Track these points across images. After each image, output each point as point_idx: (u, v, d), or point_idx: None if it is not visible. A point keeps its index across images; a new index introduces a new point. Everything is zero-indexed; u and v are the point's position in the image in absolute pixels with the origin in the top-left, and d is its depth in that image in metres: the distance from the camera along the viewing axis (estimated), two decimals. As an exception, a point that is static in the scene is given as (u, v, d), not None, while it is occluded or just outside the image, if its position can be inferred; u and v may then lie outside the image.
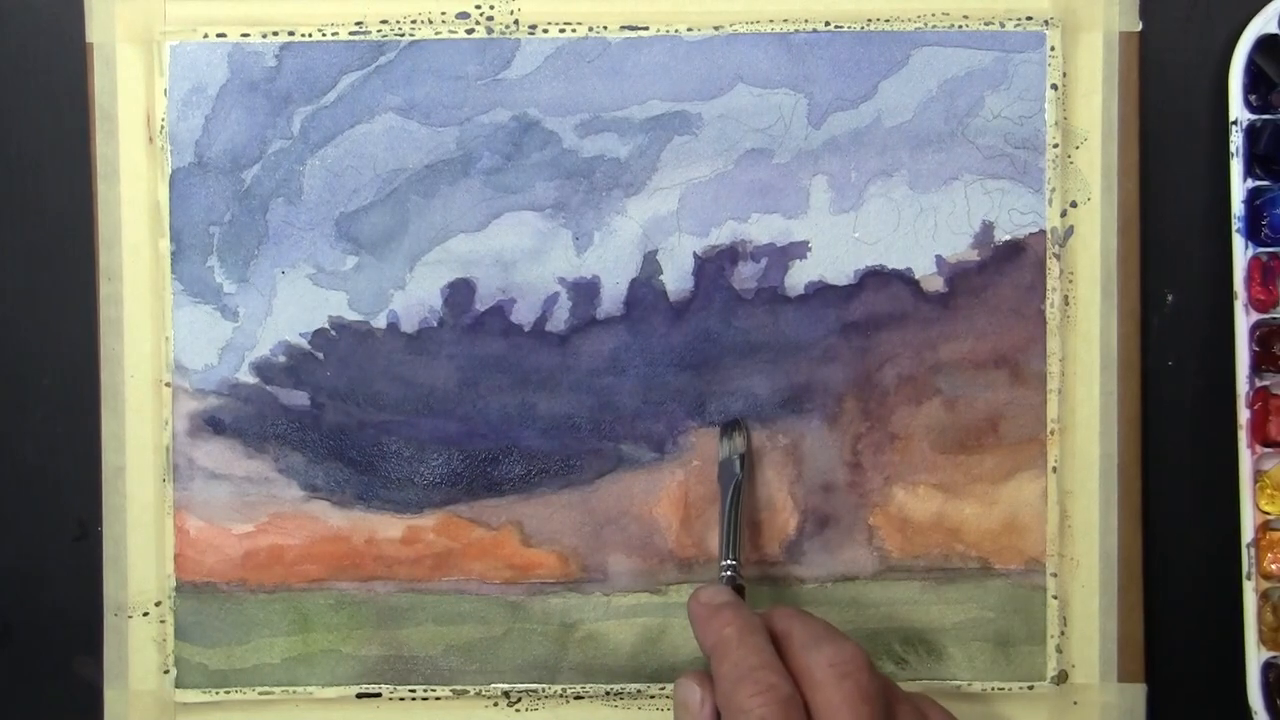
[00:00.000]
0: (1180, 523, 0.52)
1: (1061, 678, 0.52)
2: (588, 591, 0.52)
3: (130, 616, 0.52)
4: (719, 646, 0.44)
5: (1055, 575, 0.51)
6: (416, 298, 0.52)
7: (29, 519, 0.52)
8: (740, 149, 0.51)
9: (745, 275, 0.51)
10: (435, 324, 0.52)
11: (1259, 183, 0.51)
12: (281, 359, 0.52)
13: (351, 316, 0.52)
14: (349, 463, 0.52)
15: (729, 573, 0.48)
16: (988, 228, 0.51)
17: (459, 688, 0.52)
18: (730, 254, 0.51)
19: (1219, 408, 0.52)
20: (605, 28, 0.51)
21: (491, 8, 0.51)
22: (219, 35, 0.51)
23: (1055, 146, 0.51)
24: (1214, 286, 0.52)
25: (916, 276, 0.51)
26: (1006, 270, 0.51)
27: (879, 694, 0.43)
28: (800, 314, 0.51)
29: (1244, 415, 0.51)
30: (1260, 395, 0.51)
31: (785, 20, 0.51)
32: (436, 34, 0.51)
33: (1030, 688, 0.52)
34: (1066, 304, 0.52)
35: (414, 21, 0.51)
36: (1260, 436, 0.51)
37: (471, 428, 0.52)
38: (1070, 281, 0.52)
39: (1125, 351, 0.52)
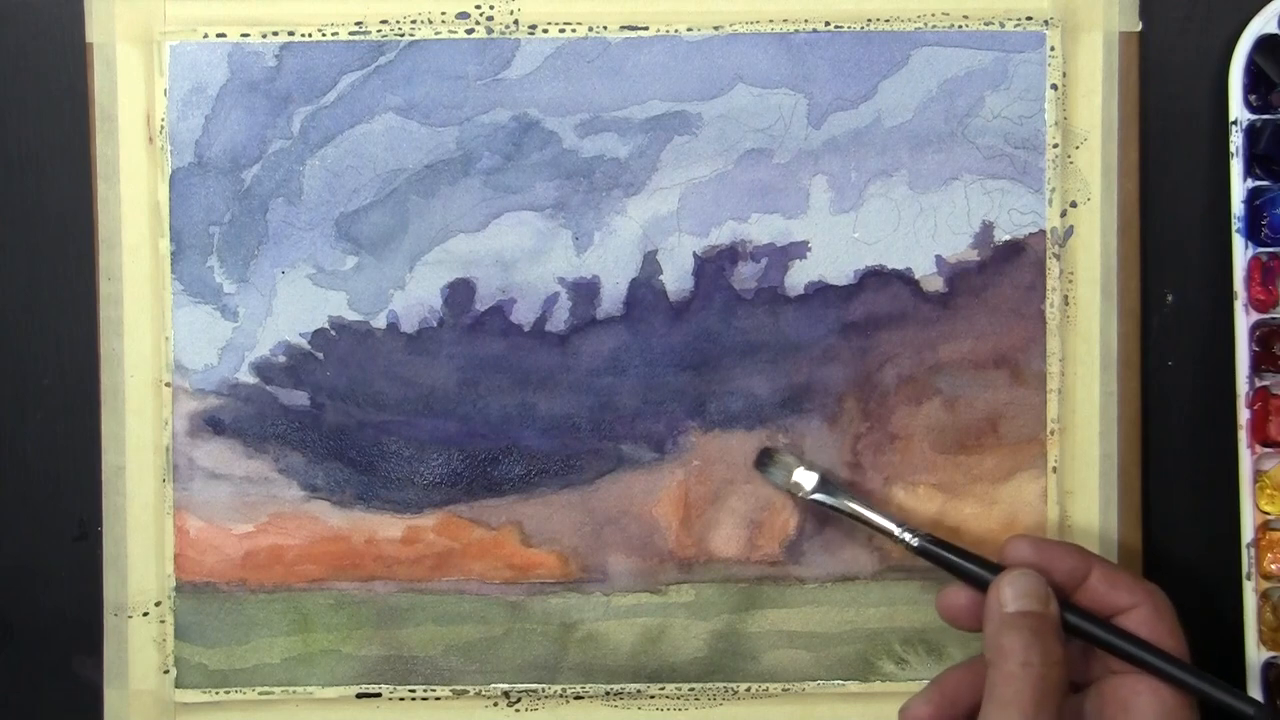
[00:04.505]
0: (1180, 523, 0.52)
1: (1061, 678, 0.52)
2: (588, 591, 0.52)
3: (130, 616, 0.52)
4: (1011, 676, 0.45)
5: (1055, 575, 0.51)
6: (416, 298, 0.52)
7: (29, 519, 0.53)
8: (740, 149, 0.51)
9: (745, 275, 0.51)
10: (435, 324, 0.52)
11: (1259, 183, 0.51)
12: (281, 359, 0.52)
13: (351, 316, 0.52)
14: (349, 463, 0.52)
15: (907, 534, 0.48)
16: (988, 228, 0.51)
17: (459, 688, 0.52)
18: (730, 254, 0.51)
19: (1219, 408, 0.52)
20: (605, 28, 0.51)
21: (491, 8, 0.51)
22: (219, 35, 0.51)
23: (1055, 146, 0.51)
24: (1214, 286, 0.52)
25: (916, 276, 0.51)
26: (1006, 270, 0.51)
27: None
28: (800, 314, 0.51)
29: (1244, 415, 0.51)
30: (1260, 395, 0.51)
31: (785, 20, 0.51)
32: (436, 34, 0.51)
33: (1030, 688, 0.52)
34: (1066, 304, 0.52)
35: (414, 21, 0.51)
36: (1260, 436, 0.51)
37: (471, 428, 0.52)
38: (1070, 281, 0.52)
39: (1125, 351, 0.52)
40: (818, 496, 0.50)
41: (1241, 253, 0.51)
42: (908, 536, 0.48)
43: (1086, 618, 0.46)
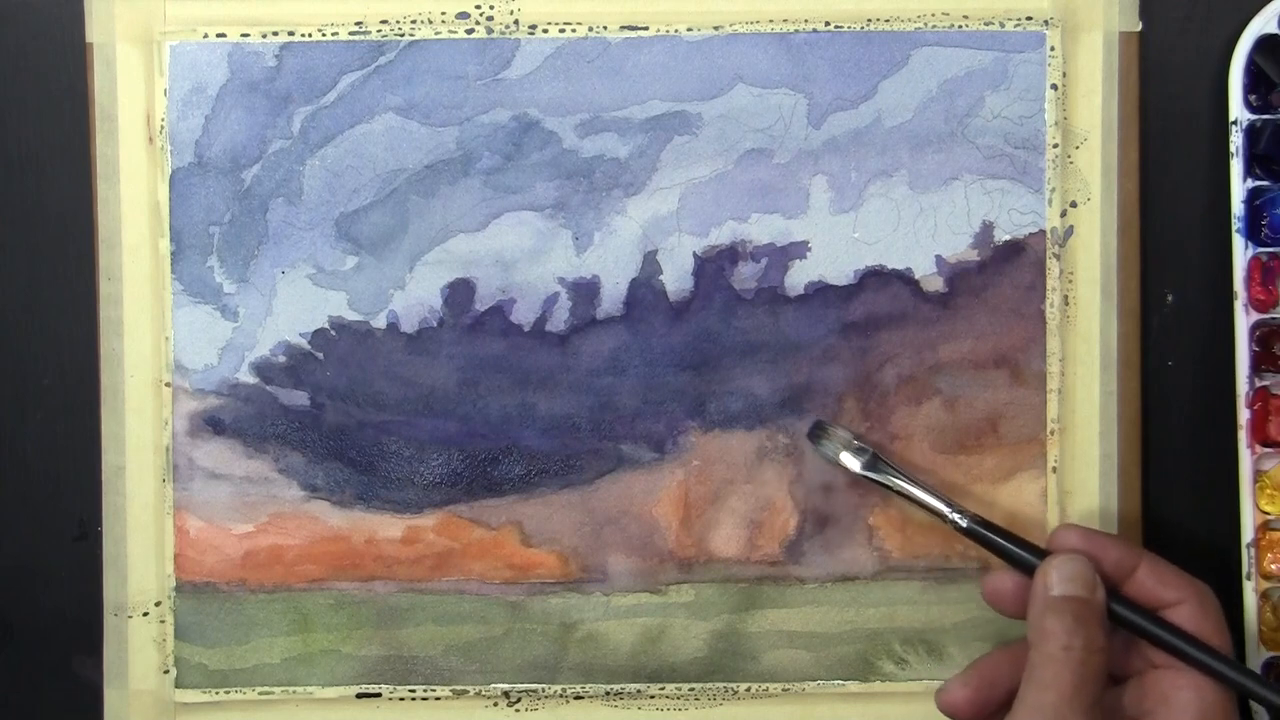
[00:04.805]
0: (1180, 523, 0.52)
1: (1061, 678, 0.52)
2: (588, 591, 0.52)
3: (130, 616, 0.52)
4: (1053, 660, 0.45)
5: (1055, 575, 0.51)
6: (416, 298, 0.52)
7: (29, 519, 0.52)
8: (740, 149, 0.51)
9: (745, 275, 0.51)
10: (435, 324, 0.52)
11: (1259, 183, 0.51)
12: (281, 359, 0.52)
13: (351, 316, 0.52)
14: (349, 463, 0.52)
15: (956, 514, 0.49)
16: (988, 228, 0.51)
17: (459, 688, 0.52)
18: (730, 254, 0.51)
19: (1219, 408, 0.52)
20: (605, 28, 0.51)
21: (491, 8, 0.51)
22: (219, 35, 0.51)
23: (1055, 146, 0.51)
24: (1214, 286, 0.52)
25: (916, 276, 0.51)
26: (1006, 270, 0.51)
27: None
28: (800, 314, 0.51)
29: (1244, 415, 0.51)
30: (1260, 395, 0.51)
31: (785, 20, 0.51)
32: (436, 34, 0.51)
33: (1030, 688, 0.51)
34: (1066, 304, 0.52)
35: (414, 21, 0.51)
36: (1260, 436, 0.51)
37: (471, 428, 0.52)
38: (1070, 281, 0.52)
39: (1125, 351, 0.52)
40: (868, 473, 0.50)
41: (1241, 253, 0.51)
42: (956, 517, 0.49)
43: (1133, 608, 0.46)
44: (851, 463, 0.50)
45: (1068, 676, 0.44)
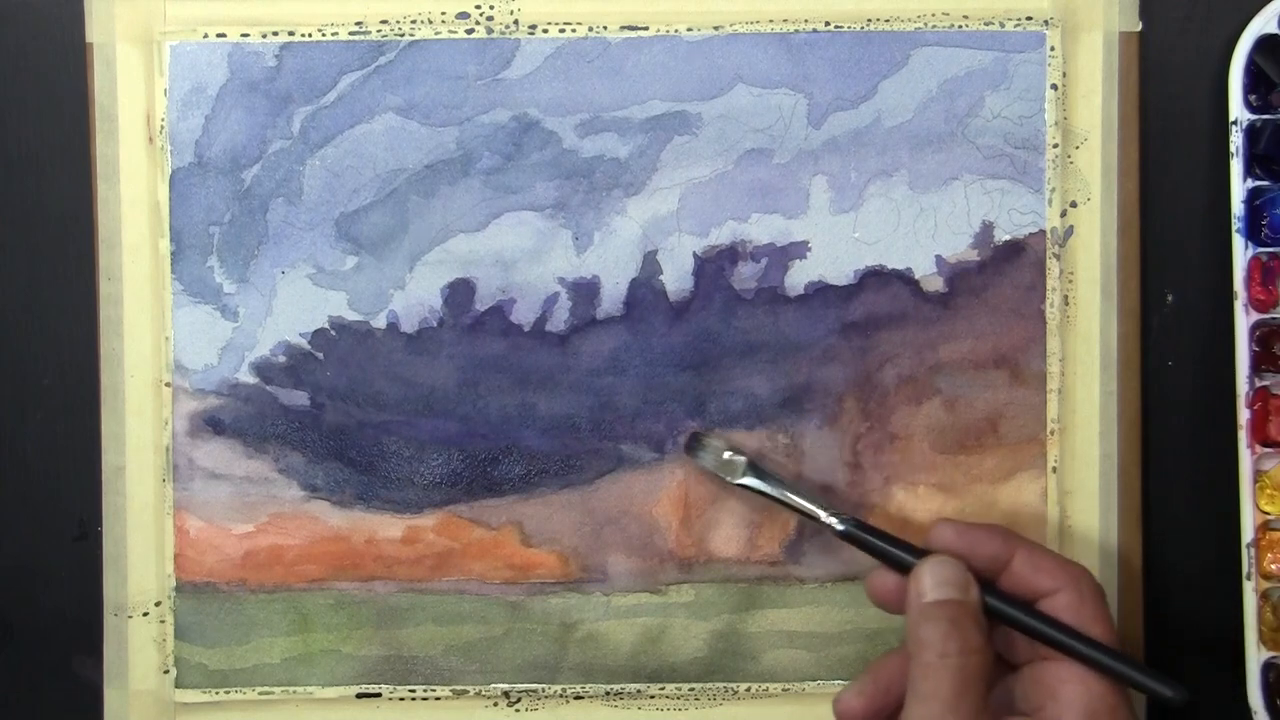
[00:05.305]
0: (1180, 523, 0.52)
1: (1061, 678, 0.52)
2: (588, 591, 0.52)
3: (130, 616, 0.52)
4: (930, 667, 0.44)
5: (1055, 575, 0.51)
6: (416, 298, 0.52)
7: (29, 519, 0.53)
8: (740, 149, 0.51)
9: (745, 275, 0.51)
10: (435, 324, 0.52)
11: (1259, 183, 0.51)
12: (281, 359, 0.52)
13: (351, 316, 0.52)
14: (349, 463, 0.52)
15: (832, 519, 0.48)
16: (988, 228, 0.51)
17: (459, 688, 0.52)
18: (730, 254, 0.51)
19: (1219, 408, 0.52)
20: (605, 28, 0.51)
21: (491, 8, 0.51)
22: (219, 35, 0.51)
23: (1055, 146, 0.51)
24: (1214, 286, 0.52)
25: (916, 276, 0.51)
26: (1006, 270, 0.51)
27: None
28: (800, 314, 0.51)
29: (1244, 415, 0.51)
30: (1260, 395, 0.51)
31: (785, 20, 0.51)
32: (436, 34, 0.51)
33: (1030, 688, 0.51)
34: (1066, 304, 0.52)
35: (414, 21, 0.51)
36: (1260, 436, 0.51)
37: (471, 428, 0.52)
38: (1070, 281, 0.52)
39: (1125, 351, 0.52)
40: (745, 480, 0.50)
41: (1241, 253, 0.51)
42: (833, 521, 0.48)
43: (1008, 602, 0.45)
44: (733, 467, 0.50)
45: (948, 684, 0.43)
